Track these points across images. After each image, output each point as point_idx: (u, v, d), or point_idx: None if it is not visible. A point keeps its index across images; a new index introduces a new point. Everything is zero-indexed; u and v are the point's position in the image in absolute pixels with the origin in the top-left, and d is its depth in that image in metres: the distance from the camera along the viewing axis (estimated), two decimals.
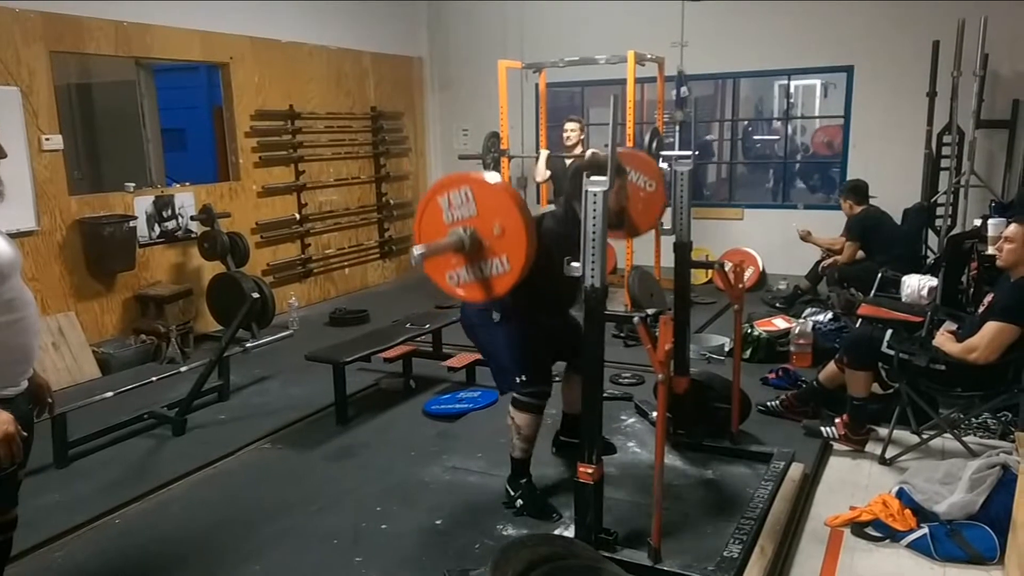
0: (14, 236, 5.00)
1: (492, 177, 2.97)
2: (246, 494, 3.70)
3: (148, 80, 6.68)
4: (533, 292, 3.03)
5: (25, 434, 2.27)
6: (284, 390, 5.16)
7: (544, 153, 6.68)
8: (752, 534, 3.01)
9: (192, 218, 6.27)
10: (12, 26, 5.10)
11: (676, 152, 6.05)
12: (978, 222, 5.40)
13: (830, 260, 6.40)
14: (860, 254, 6.19)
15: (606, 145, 2.84)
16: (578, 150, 6.30)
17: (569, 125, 6.42)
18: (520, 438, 3.36)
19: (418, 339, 5.27)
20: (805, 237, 6.56)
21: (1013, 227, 3.58)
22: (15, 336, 2.27)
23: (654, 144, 6.08)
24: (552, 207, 3.75)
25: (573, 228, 2.85)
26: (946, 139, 6.55)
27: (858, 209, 6.20)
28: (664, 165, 5.69)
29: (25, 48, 5.18)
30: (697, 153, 5.66)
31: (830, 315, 5.61)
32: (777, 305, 6.62)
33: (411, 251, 2.75)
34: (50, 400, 2.56)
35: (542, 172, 6.61)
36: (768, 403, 4.39)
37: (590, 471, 2.83)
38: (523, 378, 3.30)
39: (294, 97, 7.24)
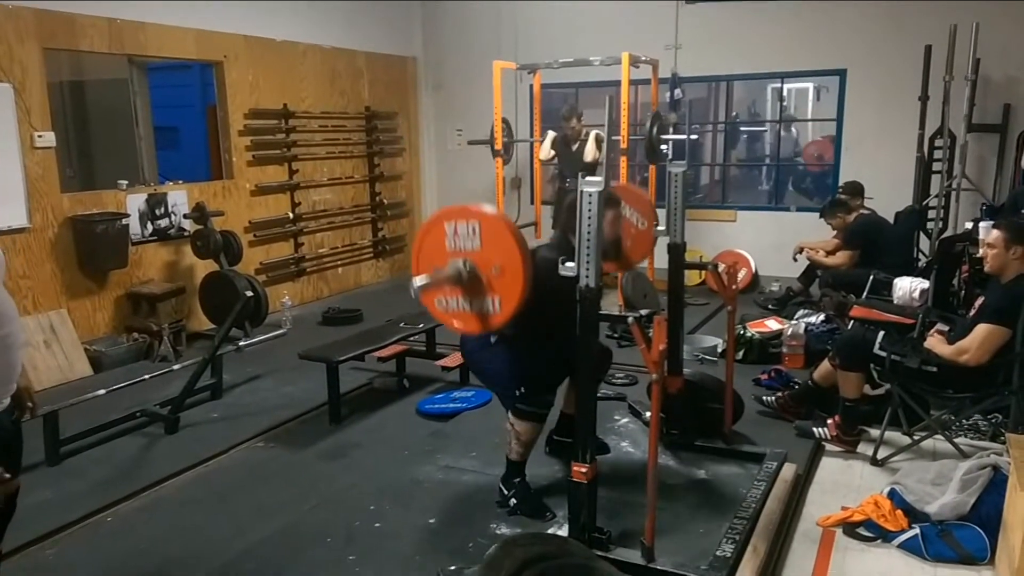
0: (6, 233, 5.06)
1: (500, 215, 2.96)
2: (239, 493, 3.69)
3: (141, 78, 6.68)
4: (532, 323, 3.02)
5: (8, 476, 2.15)
6: (277, 389, 5.15)
7: (551, 134, 6.84)
8: (745, 534, 3.02)
9: (185, 216, 6.25)
10: (5, 23, 5.08)
11: (674, 136, 6.03)
12: (969, 225, 5.43)
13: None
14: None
15: (601, 126, 2.85)
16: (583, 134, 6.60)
17: (571, 123, 6.67)
18: (519, 443, 3.36)
19: (411, 338, 5.27)
20: (800, 252, 6.58)
21: (995, 233, 3.61)
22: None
23: (655, 129, 6.06)
24: (545, 242, 3.76)
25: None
26: (938, 143, 6.59)
27: (851, 218, 6.21)
28: (665, 148, 5.83)
29: (18, 45, 5.16)
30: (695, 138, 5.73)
31: (822, 317, 5.63)
32: (770, 307, 6.64)
33: (411, 282, 2.78)
34: (30, 404, 2.47)
35: (546, 151, 6.97)
36: (764, 398, 4.44)
37: (584, 470, 2.83)
38: (522, 390, 3.29)
39: (288, 96, 7.23)
